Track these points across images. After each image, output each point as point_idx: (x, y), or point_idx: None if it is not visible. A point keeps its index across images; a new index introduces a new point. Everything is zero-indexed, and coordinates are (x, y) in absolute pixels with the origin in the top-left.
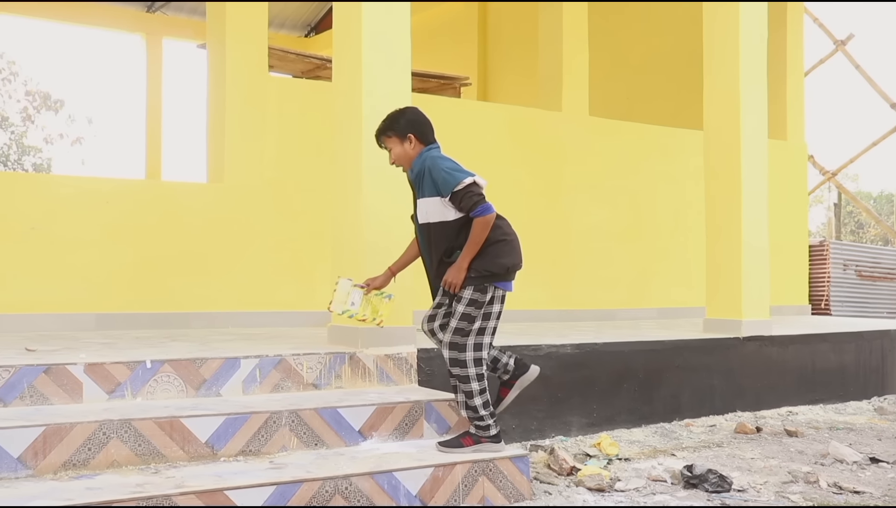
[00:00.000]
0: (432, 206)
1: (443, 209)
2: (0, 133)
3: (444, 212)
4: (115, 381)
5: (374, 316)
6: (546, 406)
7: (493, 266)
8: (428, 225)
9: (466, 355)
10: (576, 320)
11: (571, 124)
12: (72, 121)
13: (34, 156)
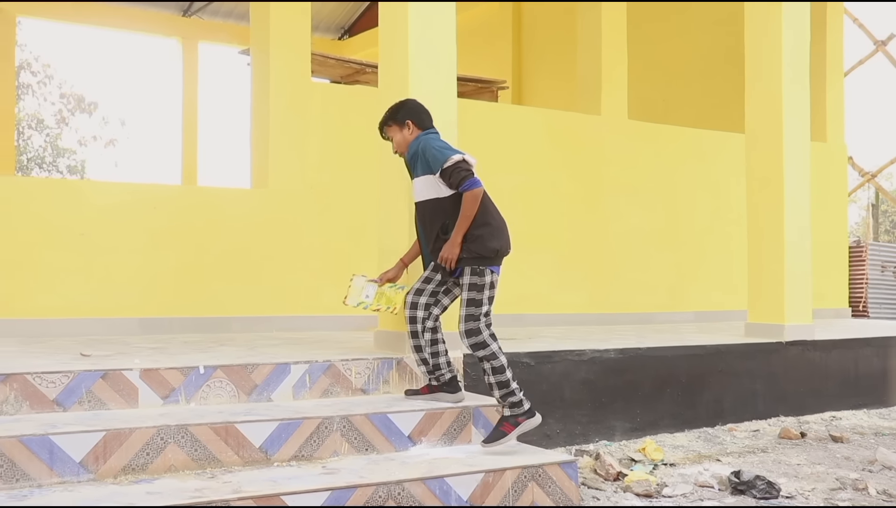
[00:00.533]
0: (426, 184)
1: (436, 187)
2: (35, 135)
3: (438, 189)
4: (169, 386)
5: (389, 305)
6: (590, 411)
7: (484, 250)
8: (423, 203)
9: (483, 335)
10: (614, 323)
11: (611, 128)
12: (105, 123)
13: (68, 158)
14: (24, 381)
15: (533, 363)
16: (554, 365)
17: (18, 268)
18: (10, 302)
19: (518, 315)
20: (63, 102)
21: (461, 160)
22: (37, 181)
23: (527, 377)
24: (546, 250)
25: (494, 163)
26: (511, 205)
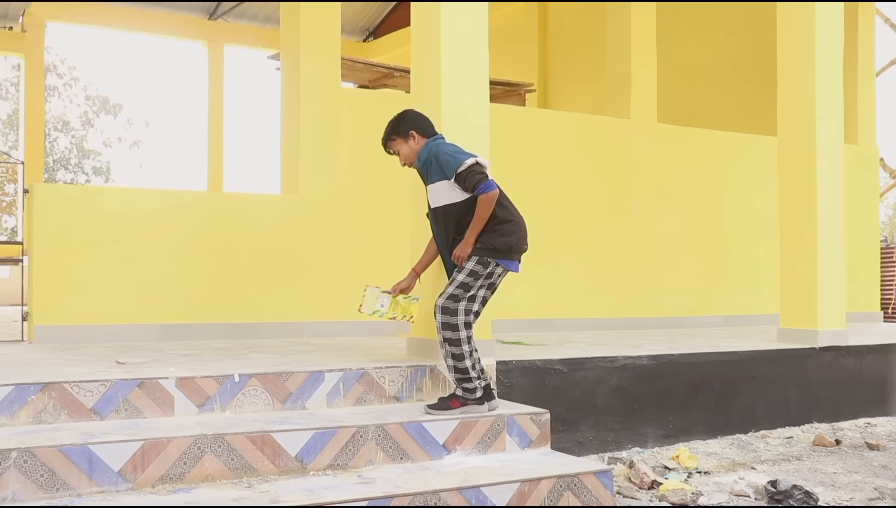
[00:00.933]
0: (440, 190)
1: (450, 192)
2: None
3: (452, 194)
4: (205, 395)
5: (405, 314)
6: (622, 418)
7: (498, 243)
8: (438, 209)
9: (458, 318)
10: (643, 328)
11: (640, 132)
12: (130, 125)
13: (94, 159)
14: (62, 390)
15: (566, 370)
16: (586, 372)
17: (53, 275)
18: (44, 308)
19: (547, 320)
20: (88, 104)
21: (475, 163)
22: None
23: (559, 384)
24: (575, 254)
25: (523, 167)
26: (539, 209)
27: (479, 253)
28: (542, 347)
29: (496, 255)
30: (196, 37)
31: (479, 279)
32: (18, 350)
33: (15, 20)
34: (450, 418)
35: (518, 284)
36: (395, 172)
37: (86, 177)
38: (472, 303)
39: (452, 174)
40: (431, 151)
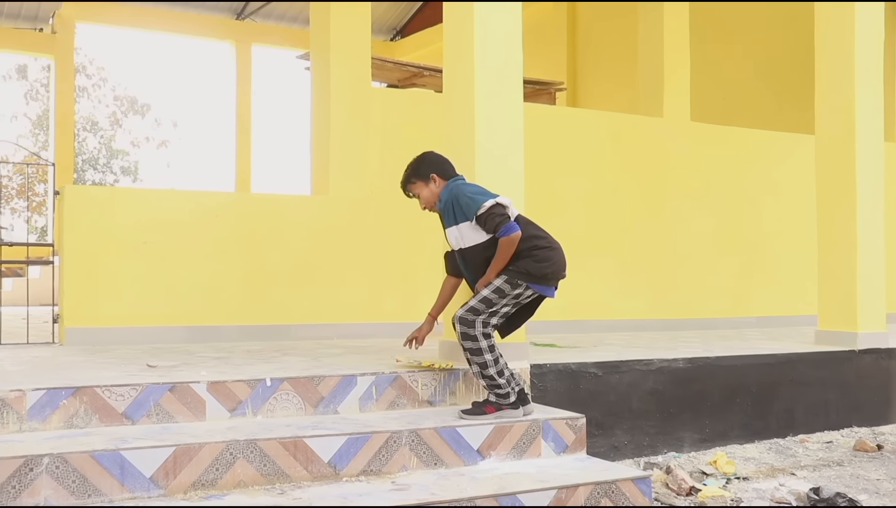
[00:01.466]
0: (465, 230)
1: (474, 233)
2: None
3: (477, 235)
4: (236, 399)
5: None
6: (658, 422)
7: (532, 268)
8: (463, 250)
9: (476, 329)
10: (677, 329)
11: (673, 130)
12: (158, 125)
13: (122, 159)
14: (93, 394)
15: (600, 374)
16: (621, 375)
17: (84, 277)
18: (76, 310)
19: (580, 321)
20: (117, 105)
21: (495, 205)
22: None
23: (594, 388)
24: (608, 255)
25: (555, 167)
26: (572, 209)
27: (510, 274)
28: (576, 349)
29: (527, 279)
30: (224, 37)
31: (505, 298)
32: (49, 353)
33: (45, 22)
34: (484, 423)
35: None
36: None
37: (114, 177)
38: (492, 317)
39: (472, 217)
40: (452, 193)
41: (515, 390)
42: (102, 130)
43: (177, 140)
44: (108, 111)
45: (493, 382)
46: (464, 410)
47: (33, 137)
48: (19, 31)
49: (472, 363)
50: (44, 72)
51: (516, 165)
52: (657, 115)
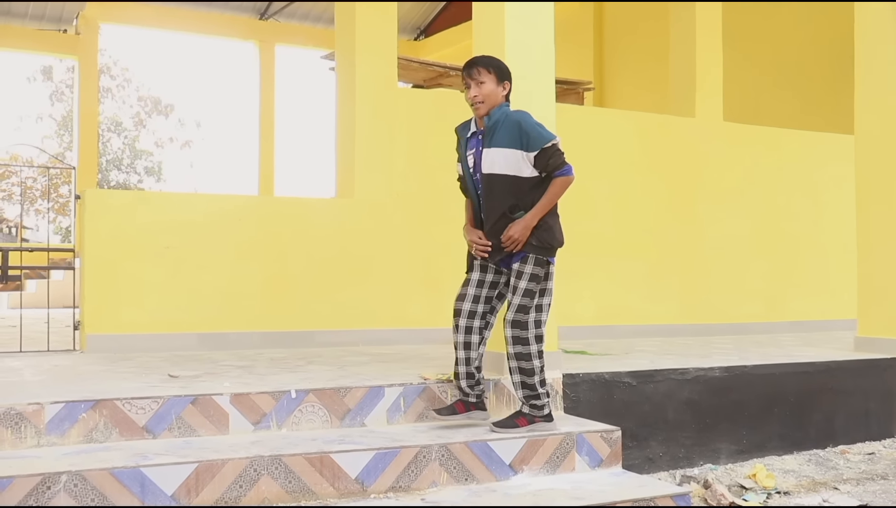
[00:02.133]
0: (507, 158)
1: (519, 163)
2: (114, 138)
3: (521, 167)
4: (260, 412)
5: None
6: (694, 433)
7: (553, 240)
8: (495, 176)
9: (529, 332)
10: (709, 334)
11: (706, 131)
12: (181, 125)
13: (145, 159)
14: (113, 407)
15: (635, 383)
16: (656, 385)
17: (105, 283)
18: (96, 317)
19: (609, 327)
20: (140, 105)
21: (559, 143)
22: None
23: (628, 398)
24: (638, 258)
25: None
26: (601, 211)
27: (537, 251)
28: (608, 357)
29: (551, 253)
30: (247, 37)
31: (540, 283)
32: (70, 361)
33: (69, 23)
34: (517, 436)
35: (580, 289)
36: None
37: (138, 177)
38: (541, 313)
39: (537, 148)
40: (514, 116)
41: (549, 401)
42: (126, 130)
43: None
44: (131, 112)
45: (534, 392)
46: (495, 423)
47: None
48: (43, 32)
49: (515, 372)
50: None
51: None
52: (689, 115)
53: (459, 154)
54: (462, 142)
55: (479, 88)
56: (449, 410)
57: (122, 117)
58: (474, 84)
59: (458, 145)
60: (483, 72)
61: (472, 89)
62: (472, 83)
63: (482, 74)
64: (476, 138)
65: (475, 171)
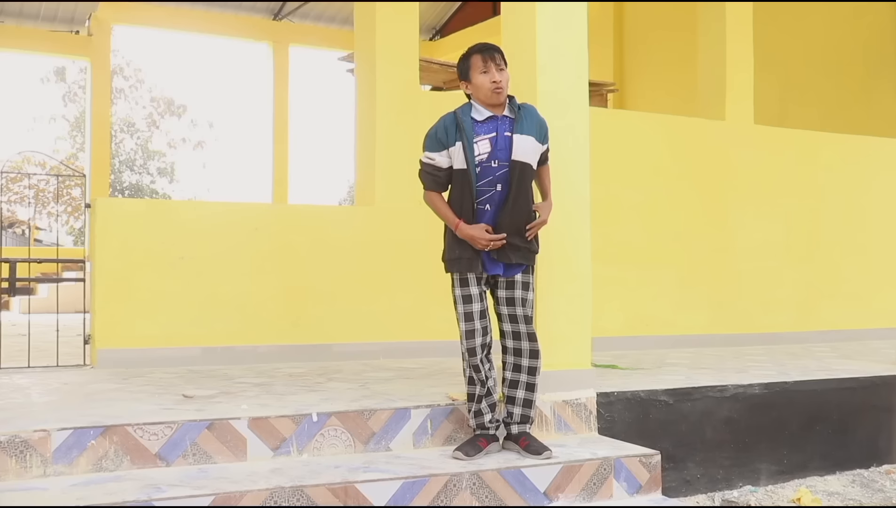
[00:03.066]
0: (530, 146)
1: (533, 153)
2: (127, 139)
3: (534, 156)
4: (280, 437)
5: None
6: (733, 453)
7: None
8: (524, 165)
9: (539, 344)
10: (740, 344)
11: (736, 134)
12: (194, 126)
13: (158, 160)
14: (124, 434)
15: (672, 402)
16: (694, 403)
17: (116, 295)
18: (108, 331)
19: (638, 338)
20: (153, 106)
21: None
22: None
23: (665, 417)
24: (667, 266)
25: (609, 173)
26: (628, 218)
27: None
28: (641, 372)
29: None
30: (260, 38)
31: None
32: (80, 378)
33: (81, 24)
34: (552, 462)
35: (607, 299)
36: None
37: (150, 178)
38: None
39: (546, 140)
40: (525, 105)
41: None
42: (139, 131)
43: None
44: (144, 113)
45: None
46: (525, 448)
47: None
48: (56, 33)
49: (525, 388)
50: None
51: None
52: (719, 118)
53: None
54: (468, 126)
55: (501, 73)
56: (476, 449)
57: (135, 118)
58: (496, 69)
59: (457, 130)
60: (503, 58)
61: (496, 73)
62: (495, 68)
63: (503, 59)
64: (494, 123)
65: (491, 158)
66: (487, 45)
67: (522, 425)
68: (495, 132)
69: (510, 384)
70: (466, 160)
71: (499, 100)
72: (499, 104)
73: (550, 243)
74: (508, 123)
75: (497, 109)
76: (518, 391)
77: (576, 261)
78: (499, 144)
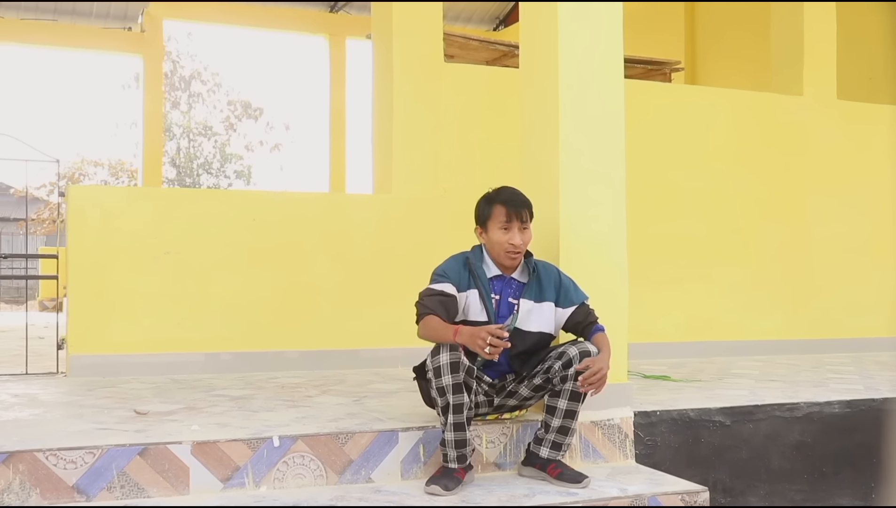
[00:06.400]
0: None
1: (551, 319)
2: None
3: (551, 323)
4: (231, 465)
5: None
6: (806, 485)
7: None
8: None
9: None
10: (820, 351)
11: (816, 111)
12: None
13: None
14: (33, 461)
15: (728, 423)
16: (756, 424)
17: (93, 295)
18: (83, 335)
19: (701, 344)
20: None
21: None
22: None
23: (720, 442)
24: (734, 263)
25: (667, 157)
26: (689, 209)
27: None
28: (696, 386)
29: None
30: (317, 31)
31: None
32: (38, 390)
33: (134, 20)
34: (567, 503)
35: (665, 301)
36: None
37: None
38: None
39: (578, 302)
40: (550, 268)
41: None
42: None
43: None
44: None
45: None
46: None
47: None
48: (108, 30)
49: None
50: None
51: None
52: (795, 93)
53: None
54: (482, 274)
55: (523, 234)
56: (455, 482)
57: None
58: (519, 228)
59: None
60: (529, 217)
61: (517, 235)
62: (518, 227)
63: (528, 218)
64: (501, 284)
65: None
66: (516, 199)
67: (554, 451)
68: (499, 295)
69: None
70: (486, 310)
71: (512, 264)
72: (510, 268)
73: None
74: (516, 287)
75: (507, 270)
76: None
77: (608, 249)
78: (501, 310)
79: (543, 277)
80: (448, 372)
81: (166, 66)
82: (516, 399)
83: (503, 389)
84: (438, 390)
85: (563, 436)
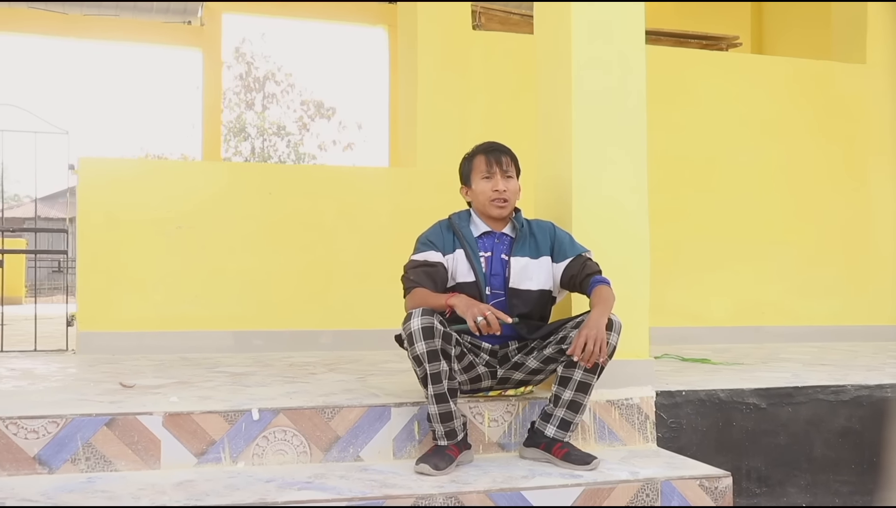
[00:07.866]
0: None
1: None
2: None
3: (549, 279)
4: (207, 439)
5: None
6: (854, 476)
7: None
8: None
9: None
10: (884, 339)
11: (878, 80)
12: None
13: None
14: None
15: (764, 406)
16: (796, 408)
17: (103, 271)
18: (92, 312)
19: (751, 328)
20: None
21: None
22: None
23: (754, 426)
24: (789, 243)
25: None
26: (740, 184)
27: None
28: (736, 368)
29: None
30: (376, 22)
31: None
32: (42, 366)
33: (194, 14)
34: (569, 483)
35: (713, 283)
36: None
37: None
38: None
39: (574, 255)
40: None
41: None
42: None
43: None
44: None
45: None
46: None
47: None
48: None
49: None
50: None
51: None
52: (858, 60)
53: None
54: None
55: (507, 181)
56: (447, 461)
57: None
58: (502, 175)
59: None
60: (512, 165)
61: (500, 181)
62: (501, 174)
63: (511, 166)
64: (491, 240)
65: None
66: (495, 146)
67: (562, 430)
68: (490, 252)
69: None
70: (474, 269)
71: (500, 214)
72: (499, 219)
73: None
74: (508, 242)
75: (496, 225)
76: (566, 391)
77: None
78: (493, 268)
79: (538, 232)
80: (420, 338)
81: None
82: (523, 372)
83: (507, 359)
84: (414, 359)
85: (574, 413)
